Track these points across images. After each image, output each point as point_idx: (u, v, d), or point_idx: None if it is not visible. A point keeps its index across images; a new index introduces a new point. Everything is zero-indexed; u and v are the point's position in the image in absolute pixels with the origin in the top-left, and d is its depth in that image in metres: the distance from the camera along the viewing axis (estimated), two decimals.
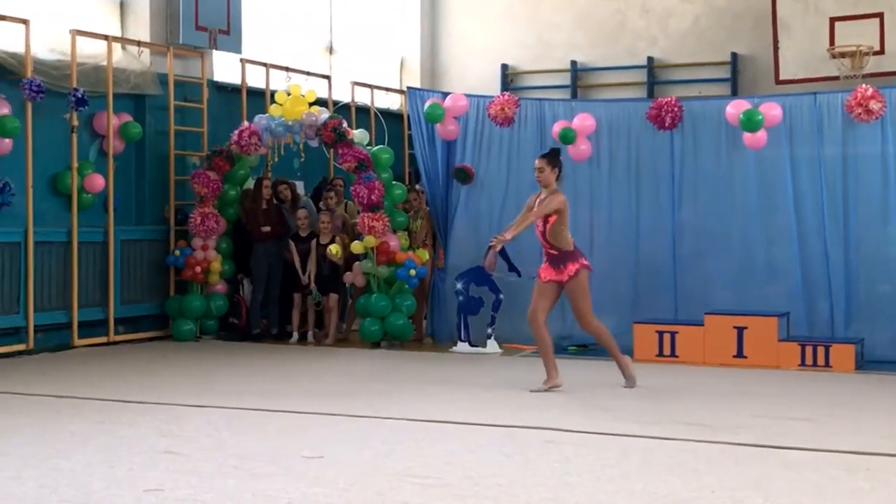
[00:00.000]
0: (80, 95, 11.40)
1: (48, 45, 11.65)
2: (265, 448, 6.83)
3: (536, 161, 9.12)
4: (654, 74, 16.62)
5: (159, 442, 6.95)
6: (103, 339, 11.88)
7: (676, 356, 10.92)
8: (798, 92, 12.82)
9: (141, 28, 12.81)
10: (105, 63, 11.95)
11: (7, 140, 10.93)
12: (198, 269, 12.40)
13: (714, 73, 16.20)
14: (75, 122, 11.59)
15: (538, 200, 9.07)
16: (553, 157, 9.10)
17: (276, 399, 8.59)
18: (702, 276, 11.85)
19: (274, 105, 12.49)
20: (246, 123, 12.65)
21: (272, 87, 13.80)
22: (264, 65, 14.04)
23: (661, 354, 10.97)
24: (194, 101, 13.25)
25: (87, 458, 6.49)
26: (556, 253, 8.99)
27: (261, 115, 12.59)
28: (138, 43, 12.53)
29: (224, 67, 13.80)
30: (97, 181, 11.84)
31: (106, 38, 12.08)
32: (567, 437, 7.18)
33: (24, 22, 11.01)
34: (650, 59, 16.63)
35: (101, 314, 11.94)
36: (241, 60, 13.76)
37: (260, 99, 13.71)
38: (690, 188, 11.95)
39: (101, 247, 11.99)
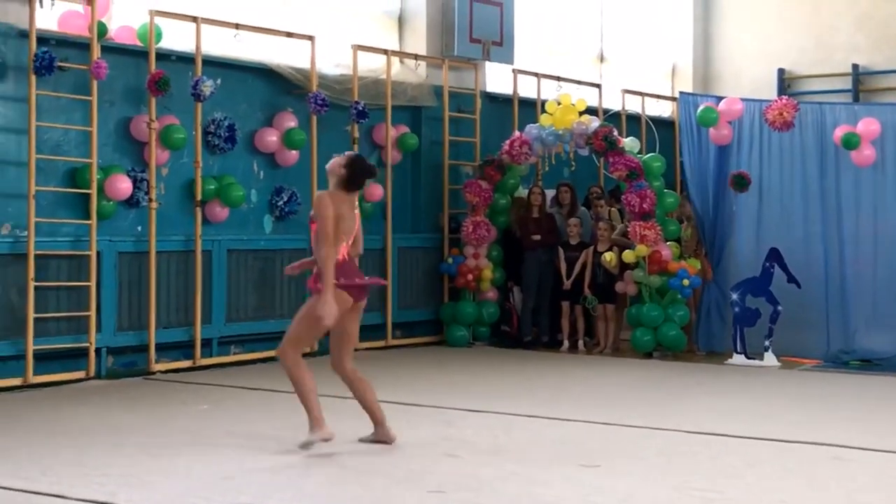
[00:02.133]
0: (360, 108, 11.82)
1: (332, 60, 12.15)
2: (542, 455, 6.87)
3: None
4: None
5: (440, 445, 7.11)
6: (381, 343, 12.24)
7: None
8: None
9: (418, 41, 13.20)
10: (384, 76, 12.35)
11: (294, 152, 11.50)
12: (470, 276, 12.62)
13: None
14: (356, 134, 12.01)
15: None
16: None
17: (551, 406, 8.63)
18: None
19: (544, 114, 12.56)
20: (517, 133, 12.79)
21: (543, 96, 13.90)
22: (535, 75, 14.17)
23: None
24: (467, 111, 13.50)
25: (371, 458, 6.72)
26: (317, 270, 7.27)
27: (531, 124, 12.70)
28: (415, 56, 12.90)
29: (496, 78, 14.01)
30: (376, 191, 12.24)
31: (385, 52, 12.48)
32: (855, 454, 6.90)
33: (310, 38, 11.52)
34: None
35: (379, 318, 12.31)
36: (513, 71, 13.94)
37: (531, 108, 13.83)
38: None
39: (379, 254, 12.38)
